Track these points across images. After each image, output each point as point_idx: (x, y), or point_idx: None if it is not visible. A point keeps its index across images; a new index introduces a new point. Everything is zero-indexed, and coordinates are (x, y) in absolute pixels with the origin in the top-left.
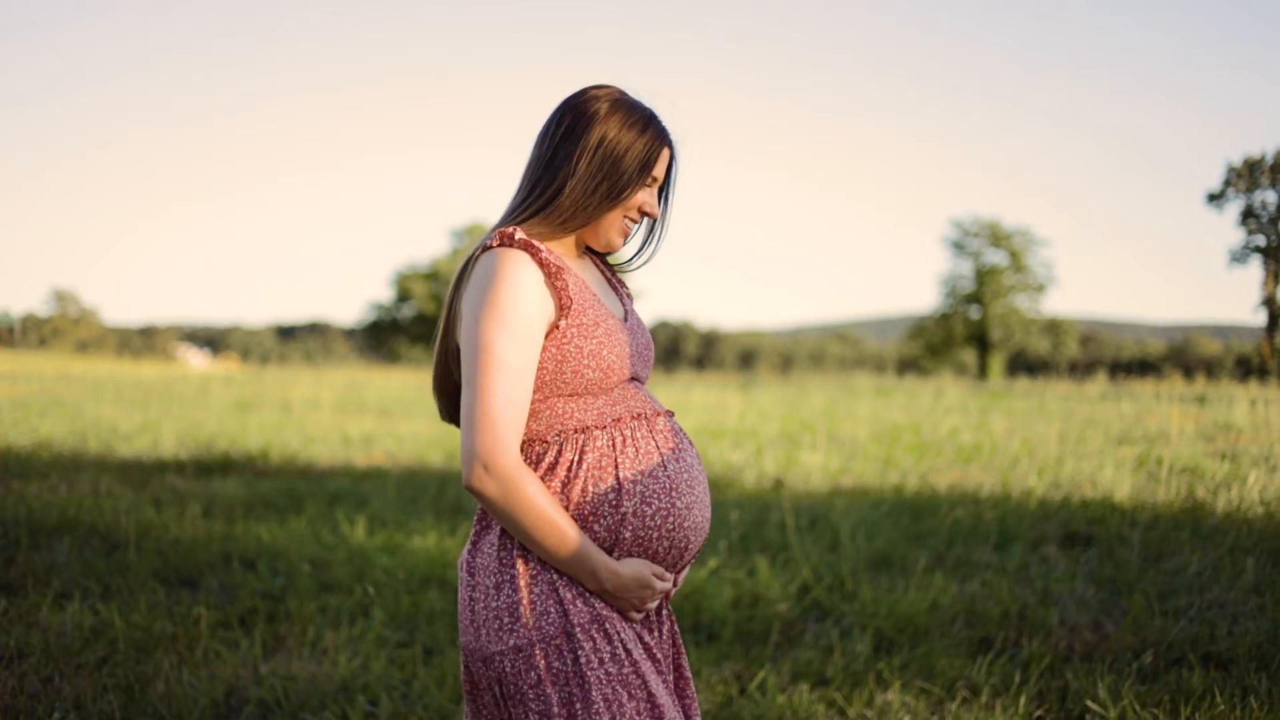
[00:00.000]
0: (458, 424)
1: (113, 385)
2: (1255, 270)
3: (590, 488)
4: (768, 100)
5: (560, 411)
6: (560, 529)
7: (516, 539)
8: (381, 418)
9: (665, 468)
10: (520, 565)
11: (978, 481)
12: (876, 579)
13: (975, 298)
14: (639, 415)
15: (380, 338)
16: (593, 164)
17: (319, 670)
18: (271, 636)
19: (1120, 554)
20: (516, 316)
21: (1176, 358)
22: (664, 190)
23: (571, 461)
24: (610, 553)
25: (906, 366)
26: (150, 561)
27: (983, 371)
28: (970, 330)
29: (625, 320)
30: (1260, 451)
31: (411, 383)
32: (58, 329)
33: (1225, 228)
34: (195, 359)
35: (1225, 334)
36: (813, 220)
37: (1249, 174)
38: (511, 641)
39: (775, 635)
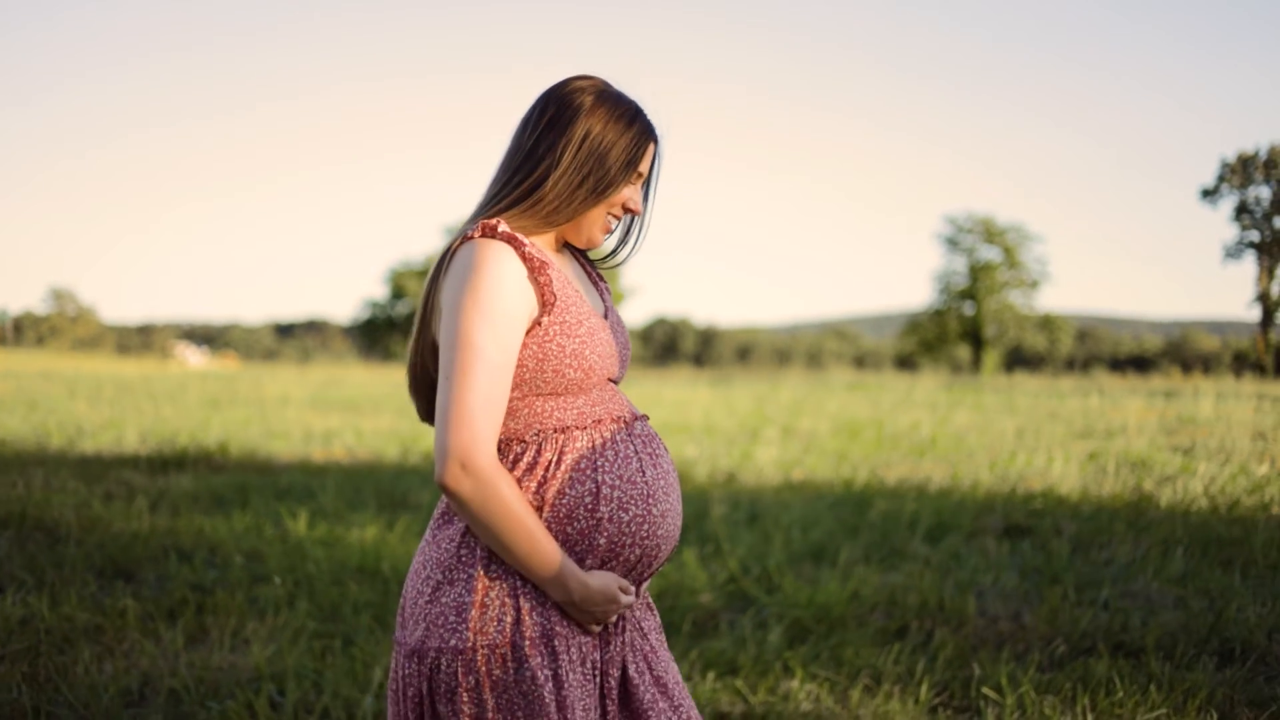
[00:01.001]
0: None
1: (93, 382)
2: (1250, 266)
3: (568, 490)
4: (770, 98)
5: (539, 410)
6: (533, 536)
7: (483, 541)
8: (350, 414)
9: (644, 473)
10: (479, 566)
11: (927, 475)
12: (805, 571)
13: (969, 294)
14: (618, 418)
15: (375, 335)
16: (577, 158)
17: (237, 660)
18: (198, 627)
19: (1054, 545)
20: (498, 309)
21: (1174, 353)
22: (647, 185)
23: (550, 462)
24: (584, 557)
25: (904, 363)
26: (89, 555)
27: (976, 367)
28: (964, 326)
29: (606, 318)
30: (1217, 445)
31: (389, 379)
32: (55, 327)
33: (1220, 223)
34: (193, 357)
35: (1224, 329)
36: (811, 217)
37: (1243, 169)
38: (453, 641)
39: (688, 625)
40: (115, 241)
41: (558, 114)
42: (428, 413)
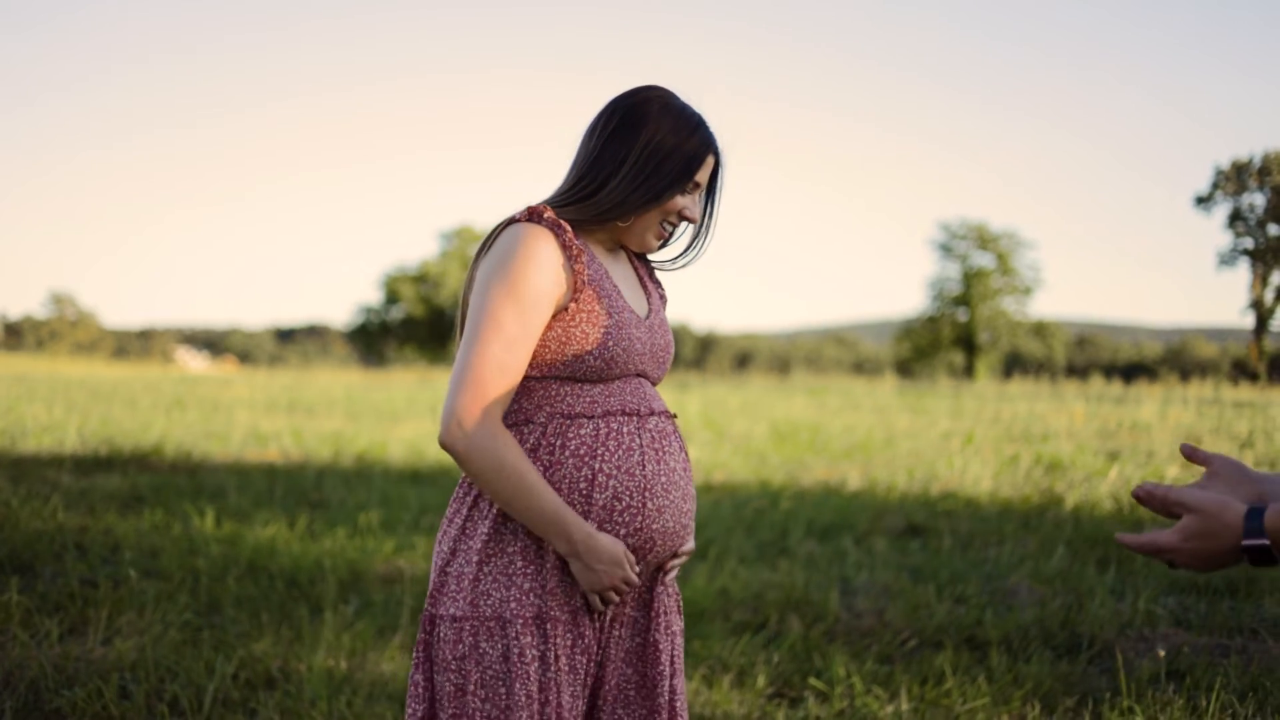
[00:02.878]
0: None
1: (67, 386)
2: (1244, 273)
3: (566, 474)
4: (771, 100)
5: (554, 393)
6: (532, 488)
7: (490, 497)
8: (300, 416)
9: (644, 467)
10: (482, 538)
11: (844, 477)
12: (690, 567)
13: (963, 300)
14: (632, 412)
15: (370, 341)
16: (637, 164)
17: (107, 652)
18: (80, 620)
19: (942, 544)
20: (525, 288)
21: (1173, 360)
22: (710, 197)
23: (554, 446)
24: None
25: (904, 369)
26: None
27: (970, 373)
28: (957, 332)
29: (647, 318)
30: (1145, 448)
31: (350, 382)
32: (55, 331)
33: (1215, 231)
34: (193, 361)
35: (1224, 336)
36: (813, 223)
37: (1237, 177)
38: (452, 610)
39: None
40: (116, 246)
41: (623, 122)
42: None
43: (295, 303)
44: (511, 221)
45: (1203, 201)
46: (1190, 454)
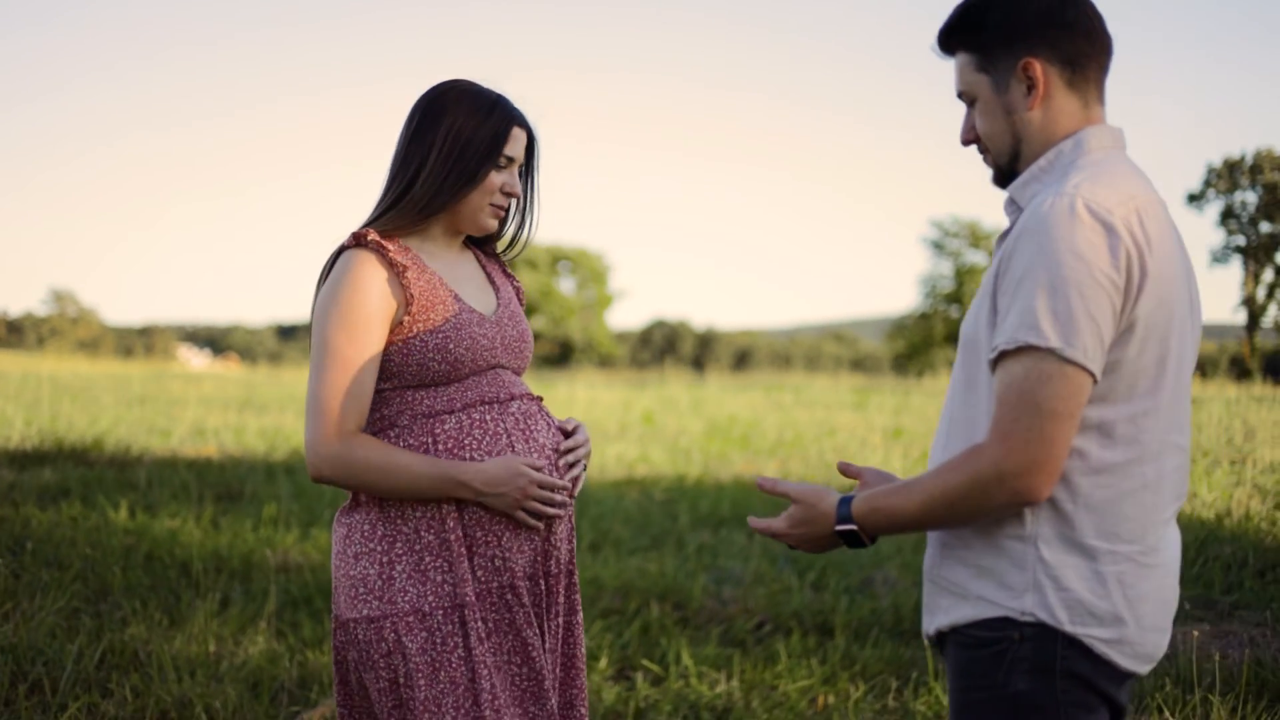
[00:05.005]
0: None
1: (34, 382)
2: (1236, 270)
3: None
4: (771, 99)
5: (411, 399)
6: (402, 465)
7: (389, 509)
8: (250, 413)
9: (513, 448)
10: (386, 540)
11: (761, 470)
12: (579, 559)
13: (955, 297)
14: (492, 400)
15: None
16: (443, 152)
17: None
18: None
19: None
20: (356, 314)
21: None
22: (529, 173)
23: (425, 444)
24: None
25: (899, 365)
26: None
27: None
28: (950, 329)
29: (496, 313)
30: None
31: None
32: (56, 329)
33: (1208, 228)
34: (195, 359)
35: (1224, 334)
36: (812, 220)
37: (1229, 174)
38: (365, 611)
39: None
40: (117, 242)
41: (424, 117)
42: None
43: (297, 300)
44: (342, 250)
45: (1195, 199)
46: (844, 469)
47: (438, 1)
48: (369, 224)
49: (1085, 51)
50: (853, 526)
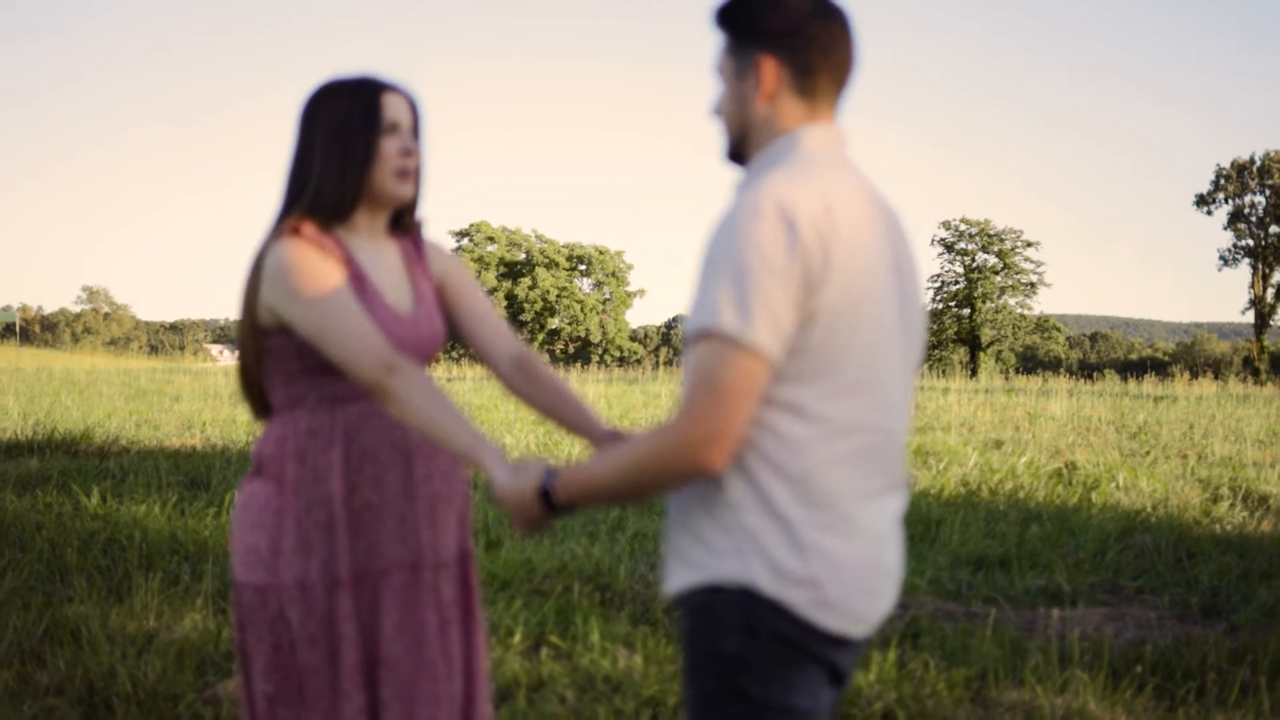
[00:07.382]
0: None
1: (43, 376)
2: (1245, 271)
3: (339, 453)
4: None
5: (319, 382)
6: (455, 409)
7: (284, 484)
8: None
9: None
10: (279, 512)
11: None
12: (519, 543)
13: (966, 297)
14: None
15: None
16: (327, 140)
17: None
18: None
19: None
20: (320, 281)
21: (1185, 358)
22: (417, 133)
23: (329, 428)
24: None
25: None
26: None
27: (973, 371)
28: (961, 330)
29: (411, 311)
30: (1032, 439)
31: None
32: (89, 326)
33: (1217, 230)
34: (225, 356)
35: (1236, 334)
36: None
37: (1238, 177)
38: (252, 579)
39: None
40: (147, 237)
41: (304, 118)
42: (261, 410)
43: None
44: (272, 241)
45: (1204, 201)
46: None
47: None
48: (286, 220)
49: (818, 64)
50: (546, 488)
